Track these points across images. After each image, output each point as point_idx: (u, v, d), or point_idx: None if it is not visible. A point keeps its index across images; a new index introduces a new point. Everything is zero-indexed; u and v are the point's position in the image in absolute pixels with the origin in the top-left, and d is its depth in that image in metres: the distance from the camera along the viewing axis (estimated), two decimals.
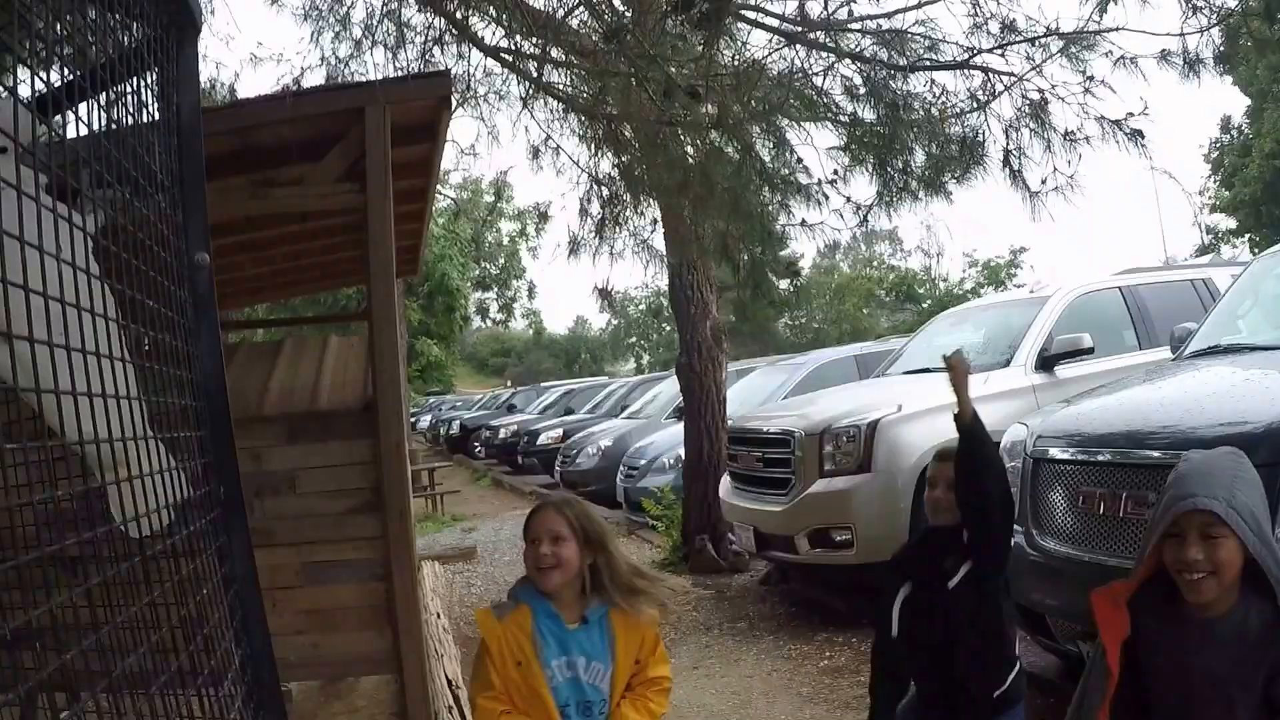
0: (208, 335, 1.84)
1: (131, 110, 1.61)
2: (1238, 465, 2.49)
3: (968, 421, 3.06)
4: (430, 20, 5.75)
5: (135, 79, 1.68)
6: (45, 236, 1.09)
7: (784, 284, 7.71)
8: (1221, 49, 5.01)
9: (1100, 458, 4.21)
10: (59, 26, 1.42)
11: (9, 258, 0.99)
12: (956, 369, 3.17)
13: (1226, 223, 36.63)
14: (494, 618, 2.63)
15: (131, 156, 1.52)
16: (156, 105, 1.76)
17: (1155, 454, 3.92)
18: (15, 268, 1.00)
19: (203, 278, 1.84)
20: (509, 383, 51.86)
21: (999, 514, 3.05)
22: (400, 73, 5.77)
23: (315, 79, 6.41)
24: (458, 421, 29.95)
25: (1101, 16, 5.08)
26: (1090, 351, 6.90)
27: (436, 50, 5.87)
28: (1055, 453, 4.49)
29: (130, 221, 1.48)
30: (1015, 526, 4.36)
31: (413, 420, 31.72)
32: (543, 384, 35.64)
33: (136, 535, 1.39)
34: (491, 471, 22.02)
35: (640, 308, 46.57)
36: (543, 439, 19.29)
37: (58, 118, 1.39)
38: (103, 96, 1.49)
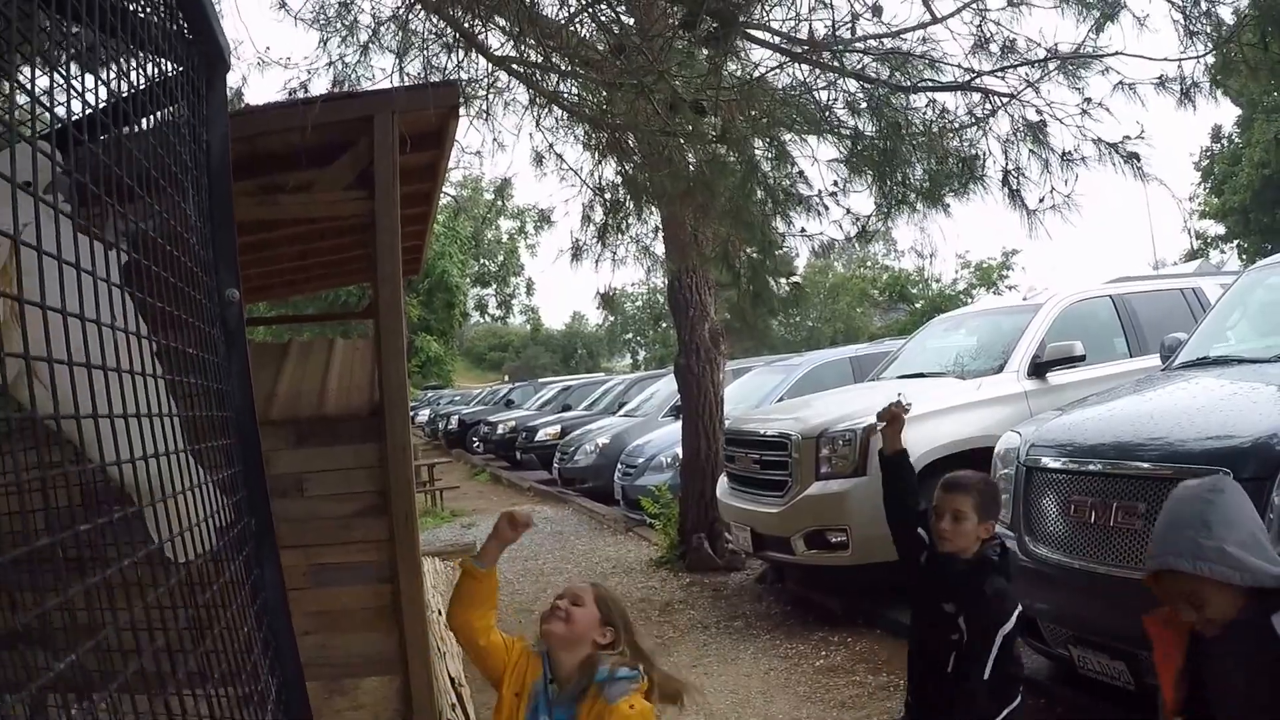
0: (239, 370, 1.91)
1: (162, 146, 1.64)
2: (1207, 500, 2.43)
3: (890, 455, 3.35)
4: (437, 27, 5.80)
5: (165, 115, 1.71)
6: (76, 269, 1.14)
7: (783, 286, 7.80)
8: (1217, 76, 5.12)
9: (1091, 467, 4.32)
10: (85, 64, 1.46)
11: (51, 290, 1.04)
12: (893, 421, 3.42)
13: (1215, 229, 37.00)
14: (527, 644, 2.74)
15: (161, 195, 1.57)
16: (187, 143, 1.79)
17: (1145, 465, 4.03)
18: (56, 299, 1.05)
19: (233, 313, 1.91)
20: (506, 378, 51.90)
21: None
22: (407, 80, 5.83)
23: (322, 84, 6.47)
24: (456, 417, 30.03)
25: (1098, 35, 5.20)
26: (1082, 359, 7.02)
27: (443, 57, 5.92)
28: (1047, 461, 4.59)
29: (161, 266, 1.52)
30: (1008, 532, 4.50)
31: (411, 415, 31.75)
32: (540, 380, 35.71)
33: (177, 558, 1.45)
34: (490, 467, 22.10)
35: (637, 304, 46.65)
36: (541, 435, 19.40)
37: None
38: (135, 133, 1.54)
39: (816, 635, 6.74)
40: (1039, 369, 7.09)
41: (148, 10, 1.62)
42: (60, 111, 1.23)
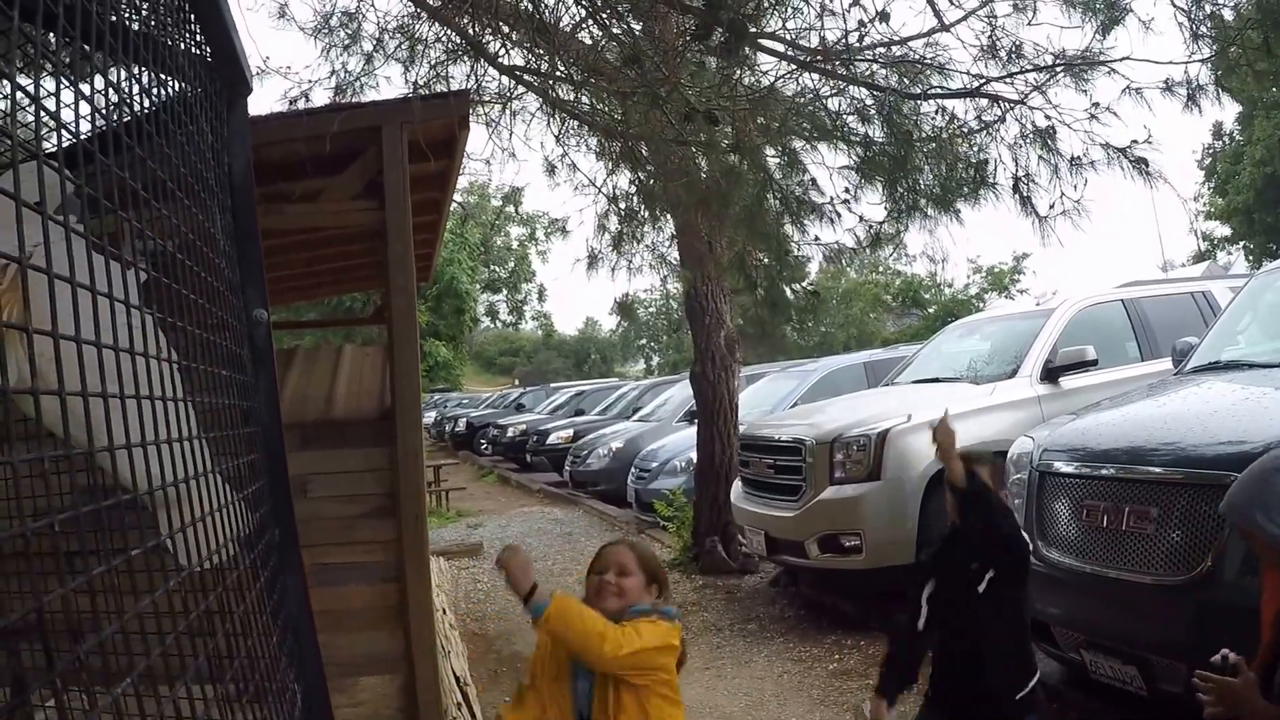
0: (265, 388, 1.96)
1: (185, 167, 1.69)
2: (1267, 469, 2.69)
3: (961, 485, 3.18)
4: (442, 35, 5.81)
5: (188, 137, 1.76)
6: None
7: (799, 293, 7.83)
8: (1221, 78, 5.14)
9: (1104, 472, 4.35)
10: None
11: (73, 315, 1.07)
12: (944, 445, 3.24)
13: (1221, 230, 36.82)
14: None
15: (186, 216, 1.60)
16: (210, 164, 1.81)
17: (1157, 470, 4.06)
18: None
19: (261, 333, 1.95)
20: (517, 382, 52.01)
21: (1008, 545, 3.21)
22: (412, 88, 5.84)
23: (323, 94, 6.47)
24: (464, 419, 30.12)
25: (1104, 39, 5.22)
26: (1094, 363, 7.05)
27: (451, 66, 5.93)
28: (1060, 466, 4.62)
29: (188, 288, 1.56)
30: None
31: None
32: (553, 385, 35.79)
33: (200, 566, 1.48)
34: (498, 469, 22.18)
35: (651, 310, 46.74)
36: (553, 439, 19.46)
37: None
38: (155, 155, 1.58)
39: (830, 639, 6.76)
40: (1052, 374, 7.12)
41: (173, 35, 1.66)
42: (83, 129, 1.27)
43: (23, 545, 0.88)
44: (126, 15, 1.54)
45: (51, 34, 1.17)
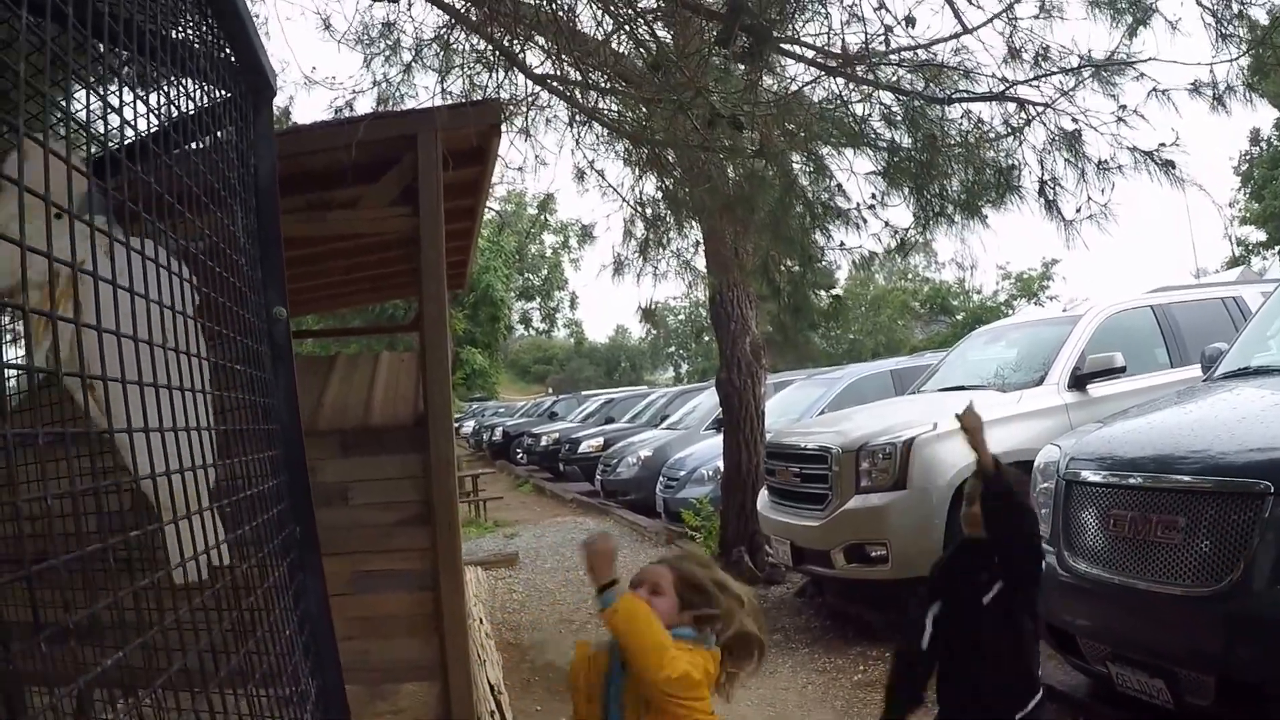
0: (285, 385, 1.98)
1: (211, 169, 1.68)
2: None
3: (990, 477, 3.14)
4: (478, 47, 5.88)
5: (214, 142, 1.77)
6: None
7: (823, 299, 7.80)
8: (1252, 80, 5.08)
9: (1131, 481, 4.28)
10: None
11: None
12: (972, 430, 3.20)
13: (1257, 235, 36.24)
14: (588, 647, 2.75)
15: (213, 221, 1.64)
16: (235, 166, 1.85)
17: (1185, 478, 4.00)
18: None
19: (280, 330, 1.97)
20: (550, 390, 52.14)
21: (1028, 548, 3.17)
22: (449, 98, 5.92)
23: (366, 103, 6.59)
24: (500, 428, 30.23)
25: (1131, 41, 5.18)
26: (1122, 370, 6.95)
27: (484, 75, 6.00)
28: (1087, 475, 4.55)
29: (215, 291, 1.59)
30: (1047, 547, 4.48)
31: (456, 426, 32.06)
32: (584, 392, 35.87)
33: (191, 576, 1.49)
34: (533, 478, 22.24)
35: (679, 318, 46.74)
36: (584, 447, 19.48)
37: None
38: (186, 156, 1.61)
39: (855, 650, 6.72)
40: (1079, 381, 7.03)
41: (198, 42, 1.70)
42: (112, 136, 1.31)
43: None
44: (172, 29, 1.59)
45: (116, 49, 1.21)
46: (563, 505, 17.50)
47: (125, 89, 1.35)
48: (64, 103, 1.48)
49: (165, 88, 1.55)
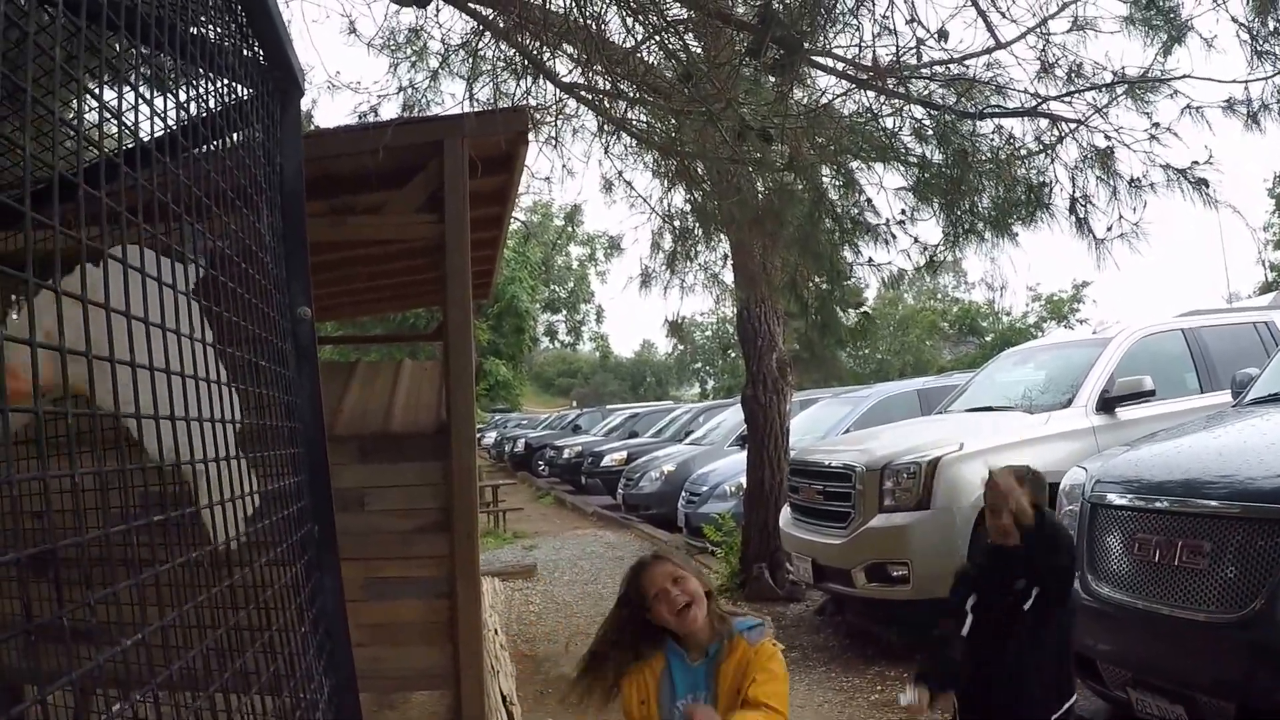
0: (308, 385, 1.97)
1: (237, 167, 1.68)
2: None
3: (1031, 526, 3.11)
4: (506, 54, 5.89)
5: (240, 139, 1.80)
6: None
7: (852, 317, 7.75)
8: None
9: (1157, 505, 4.23)
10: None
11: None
12: (1006, 494, 3.15)
13: None
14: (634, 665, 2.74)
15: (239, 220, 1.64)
16: (262, 164, 1.85)
17: (1212, 504, 3.94)
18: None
19: (304, 330, 1.98)
20: (574, 403, 52.19)
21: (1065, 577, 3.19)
22: (476, 105, 5.94)
23: (392, 109, 6.60)
24: (523, 440, 30.27)
25: (1166, 58, 5.13)
26: (1151, 394, 6.88)
27: (512, 83, 6.01)
28: (1113, 498, 4.51)
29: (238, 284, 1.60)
30: None
31: (477, 437, 32.13)
32: (608, 406, 35.87)
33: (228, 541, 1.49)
34: (554, 490, 22.25)
35: (706, 333, 46.73)
36: (607, 461, 19.49)
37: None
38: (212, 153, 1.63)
39: (873, 669, 6.65)
40: (1108, 404, 6.95)
41: (225, 39, 1.71)
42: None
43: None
44: (202, 25, 1.60)
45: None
46: (583, 518, 17.48)
47: (155, 85, 1.36)
48: (97, 91, 1.49)
49: (195, 83, 1.56)
